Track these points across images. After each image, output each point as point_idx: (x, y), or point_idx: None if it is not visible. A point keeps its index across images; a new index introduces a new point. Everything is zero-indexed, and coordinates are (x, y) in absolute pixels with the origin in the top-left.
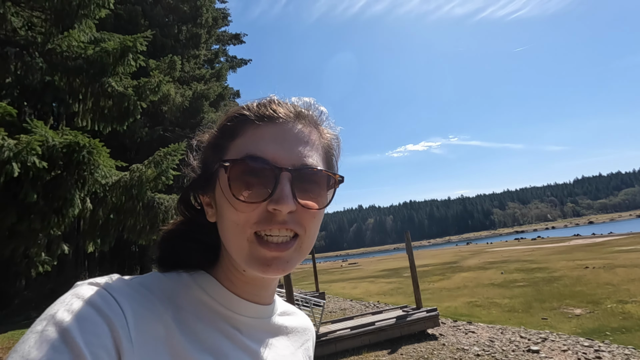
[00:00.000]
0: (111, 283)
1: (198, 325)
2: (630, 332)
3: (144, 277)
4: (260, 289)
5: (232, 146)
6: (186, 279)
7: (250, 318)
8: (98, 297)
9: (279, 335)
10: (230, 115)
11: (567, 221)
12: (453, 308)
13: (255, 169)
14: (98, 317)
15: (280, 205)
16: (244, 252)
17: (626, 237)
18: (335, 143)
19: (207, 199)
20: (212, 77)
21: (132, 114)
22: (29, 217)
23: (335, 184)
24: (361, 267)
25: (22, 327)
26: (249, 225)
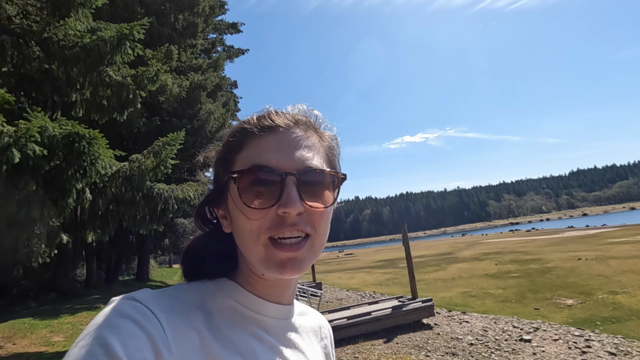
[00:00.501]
0: (145, 296)
1: (228, 329)
2: (620, 322)
3: (172, 289)
4: (280, 290)
5: (238, 159)
6: (211, 287)
7: (275, 319)
8: (136, 311)
9: (301, 333)
10: (233, 130)
11: (562, 213)
12: (448, 298)
13: (261, 177)
14: (138, 330)
15: (288, 208)
16: (260, 257)
17: (619, 229)
18: (335, 143)
19: (221, 211)
20: (209, 67)
21: (132, 103)
22: (28, 207)
23: (339, 182)
24: (357, 258)
25: (22, 317)
26: (262, 231)
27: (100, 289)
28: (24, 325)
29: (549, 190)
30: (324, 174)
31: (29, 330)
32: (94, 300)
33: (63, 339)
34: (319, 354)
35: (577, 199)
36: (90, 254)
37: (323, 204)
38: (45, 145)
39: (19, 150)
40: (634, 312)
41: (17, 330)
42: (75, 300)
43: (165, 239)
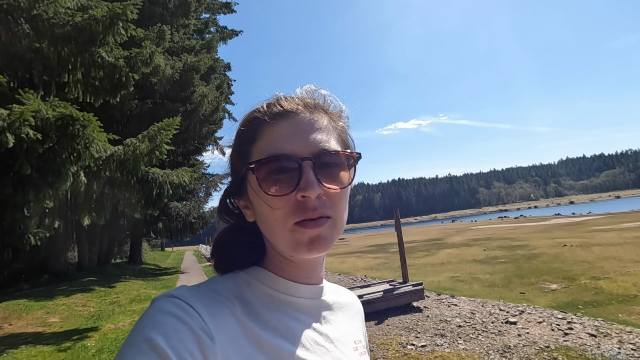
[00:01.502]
0: (183, 292)
1: (266, 313)
2: (601, 305)
3: (207, 283)
4: (310, 271)
5: (255, 149)
6: (244, 277)
7: (308, 299)
8: (175, 306)
9: (334, 310)
10: (245, 120)
11: (549, 201)
12: (437, 282)
13: (279, 165)
14: (179, 324)
15: (308, 192)
16: (288, 241)
17: (604, 217)
18: (345, 121)
19: (242, 202)
20: (202, 49)
21: (124, 85)
22: (22, 190)
23: (354, 161)
24: (349, 243)
25: (16, 298)
26: (288, 218)
27: (93, 271)
28: (19, 306)
29: (537, 179)
30: (339, 155)
31: (25, 311)
32: (88, 283)
33: (59, 320)
34: (354, 328)
35: (565, 187)
36: (81, 237)
37: (340, 185)
38: (39, 128)
39: (12, 134)
40: (614, 296)
41: (12, 311)
42: (68, 282)
43: (159, 222)
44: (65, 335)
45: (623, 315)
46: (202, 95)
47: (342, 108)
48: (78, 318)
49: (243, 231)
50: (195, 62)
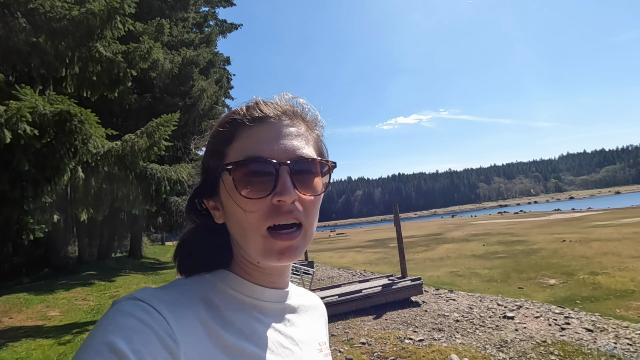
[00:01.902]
0: (146, 295)
1: (231, 316)
2: (598, 301)
3: (172, 285)
4: (276, 276)
5: (231, 150)
6: (210, 279)
7: (274, 302)
8: (138, 309)
9: (299, 313)
10: (223, 121)
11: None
12: (436, 277)
13: (256, 168)
14: (142, 326)
15: (284, 197)
16: (259, 248)
17: (603, 213)
18: (321, 130)
19: (212, 203)
20: (201, 43)
21: (122, 81)
22: (21, 185)
23: (329, 170)
24: (349, 238)
25: (17, 292)
26: (261, 222)
27: (93, 265)
28: (19, 300)
29: (538, 174)
30: (315, 163)
31: (25, 305)
32: (88, 277)
33: (59, 314)
34: (318, 330)
35: (565, 183)
36: (81, 231)
37: (314, 192)
38: (37, 124)
39: (9, 130)
40: (611, 291)
41: (12, 305)
42: (68, 276)
43: (159, 217)
44: (65, 329)
45: (620, 311)
46: (201, 90)
47: (318, 117)
48: (78, 312)
49: (210, 233)
50: (194, 57)
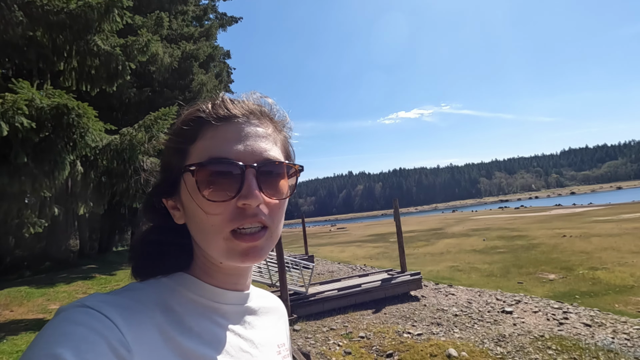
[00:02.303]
0: (96, 301)
1: (190, 321)
2: (597, 296)
3: (125, 289)
4: (238, 278)
5: (194, 149)
6: (167, 283)
7: (234, 305)
8: (87, 317)
9: (259, 315)
10: (187, 118)
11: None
12: (435, 272)
13: (221, 170)
14: (91, 335)
15: (249, 200)
16: (222, 249)
17: (604, 208)
18: (289, 132)
19: (171, 202)
20: (201, 36)
21: (120, 74)
22: (19, 179)
23: (296, 173)
24: (349, 232)
25: (18, 285)
26: (224, 225)
27: (94, 258)
28: (20, 293)
29: (539, 169)
30: (282, 166)
31: (25, 298)
32: (89, 270)
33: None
34: (278, 331)
35: (566, 178)
36: (82, 225)
37: (280, 196)
38: (34, 117)
39: (6, 123)
40: (611, 286)
41: (13, 298)
42: (69, 269)
43: None
44: None
45: (619, 306)
46: (201, 84)
47: (286, 118)
48: None
49: (168, 234)
50: (194, 50)
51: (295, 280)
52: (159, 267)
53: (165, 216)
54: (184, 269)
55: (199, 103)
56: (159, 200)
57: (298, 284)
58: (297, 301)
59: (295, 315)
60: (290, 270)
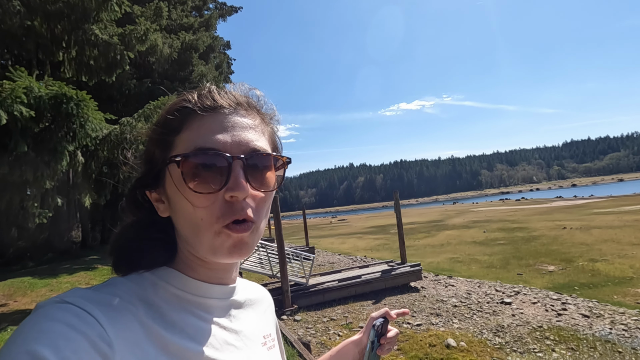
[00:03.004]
0: (76, 297)
1: (173, 315)
2: (596, 287)
3: (106, 285)
4: (223, 273)
5: (179, 140)
6: (149, 278)
7: (219, 299)
8: (67, 313)
9: (245, 308)
10: (171, 108)
11: (552, 183)
12: (435, 263)
13: (207, 161)
14: (71, 332)
15: (237, 192)
16: (209, 244)
17: (605, 200)
18: (276, 124)
19: (155, 195)
20: (200, 26)
21: (119, 64)
22: (20, 169)
23: (283, 165)
24: (350, 224)
25: (21, 276)
26: (214, 220)
27: (97, 249)
28: (23, 284)
29: (541, 161)
30: (270, 158)
31: (29, 288)
32: (92, 261)
33: None
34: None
35: (567, 170)
36: (85, 216)
37: (267, 188)
38: (32, 106)
39: (5, 112)
40: (610, 278)
41: (17, 288)
42: (72, 260)
43: None
44: None
45: (618, 297)
46: (201, 75)
47: (274, 111)
48: None
49: (152, 227)
50: (193, 41)
51: (296, 272)
52: (141, 262)
53: (148, 210)
54: (167, 264)
55: (184, 93)
56: (142, 193)
57: (299, 275)
58: (298, 292)
59: (295, 306)
60: (291, 261)
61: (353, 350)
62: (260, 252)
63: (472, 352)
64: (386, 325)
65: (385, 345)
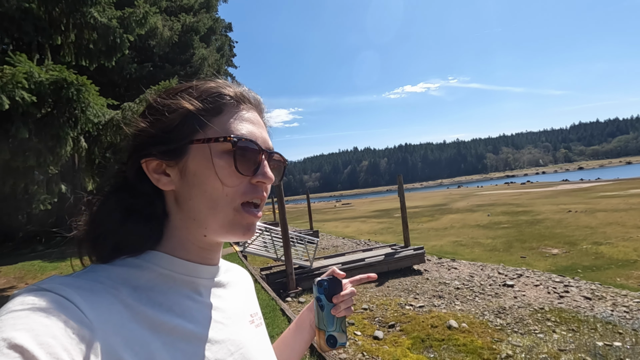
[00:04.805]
0: (54, 284)
1: (160, 297)
2: (599, 270)
3: (85, 271)
4: (213, 253)
5: (217, 122)
6: (135, 262)
7: (207, 279)
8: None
9: (231, 287)
10: (212, 92)
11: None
12: (439, 247)
13: (249, 148)
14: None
15: (266, 179)
16: (229, 220)
17: (612, 183)
18: None
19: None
20: (201, 8)
21: (119, 48)
22: (23, 154)
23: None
24: (354, 208)
25: (31, 259)
26: (238, 196)
27: None
28: (33, 267)
29: (547, 144)
30: (281, 159)
31: (39, 271)
32: None
33: None
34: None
35: (574, 153)
36: None
37: (276, 182)
38: (33, 91)
39: (7, 97)
40: (613, 261)
41: (27, 271)
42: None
43: None
44: None
45: (621, 279)
46: (202, 58)
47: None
48: None
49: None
50: (194, 23)
51: (300, 255)
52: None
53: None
54: (154, 247)
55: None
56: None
57: (303, 258)
58: (302, 275)
59: (300, 288)
60: (295, 245)
61: (308, 316)
62: (264, 236)
63: (473, 333)
64: (336, 285)
65: (341, 305)
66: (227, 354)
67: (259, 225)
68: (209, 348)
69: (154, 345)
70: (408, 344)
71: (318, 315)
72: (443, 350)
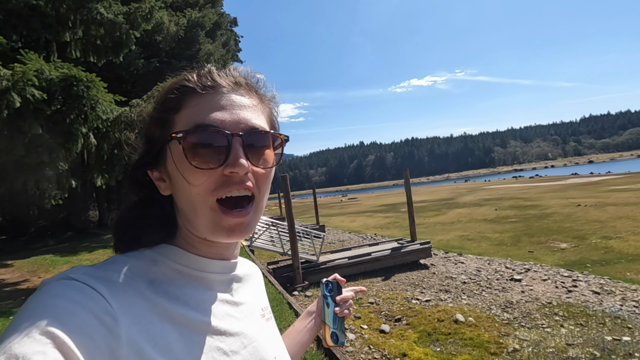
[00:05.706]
0: (80, 273)
1: (176, 290)
2: (609, 264)
3: (107, 262)
4: (224, 250)
5: (179, 118)
6: (151, 255)
7: (220, 274)
8: (72, 289)
9: (244, 282)
10: (171, 87)
11: (567, 160)
12: (445, 241)
13: (207, 138)
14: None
15: (236, 168)
16: (208, 222)
17: (623, 177)
18: (275, 105)
19: (157, 174)
20: (206, 3)
21: (125, 44)
22: (36, 151)
23: (281, 143)
24: (360, 202)
25: (43, 254)
26: (209, 194)
27: None
28: (45, 261)
29: (556, 137)
30: (268, 136)
31: (51, 265)
32: (109, 240)
33: None
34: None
35: (584, 146)
36: (100, 196)
37: (266, 165)
38: (44, 88)
39: (18, 95)
40: (623, 255)
41: (39, 265)
42: (90, 238)
43: None
44: None
45: (631, 274)
46: (208, 53)
47: (274, 92)
48: None
49: (153, 206)
50: (199, 18)
51: (307, 249)
52: (142, 240)
53: (149, 189)
54: (167, 241)
55: (184, 73)
56: (144, 172)
57: (309, 253)
58: (309, 269)
59: (306, 282)
60: (302, 239)
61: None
62: (271, 230)
63: (480, 327)
64: (339, 287)
65: (343, 306)
66: (240, 346)
67: (266, 220)
68: (223, 340)
69: (171, 336)
70: (414, 338)
71: (324, 311)
72: (449, 344)
